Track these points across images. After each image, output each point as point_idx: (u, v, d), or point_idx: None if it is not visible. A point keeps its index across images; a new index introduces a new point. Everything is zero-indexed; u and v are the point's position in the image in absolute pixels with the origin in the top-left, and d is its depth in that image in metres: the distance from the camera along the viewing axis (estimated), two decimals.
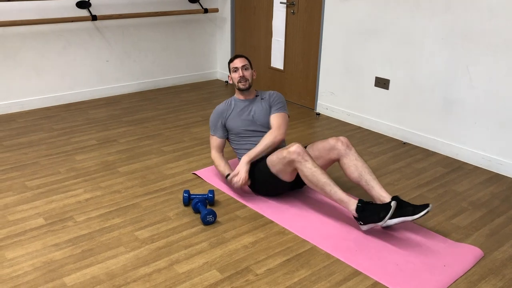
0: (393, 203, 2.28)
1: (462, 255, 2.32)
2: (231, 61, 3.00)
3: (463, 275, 2.20)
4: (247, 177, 2.71)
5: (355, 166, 2.60)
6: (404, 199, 2.68)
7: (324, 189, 2.47)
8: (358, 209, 2.38)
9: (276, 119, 2.89)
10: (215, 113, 3.01)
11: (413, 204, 2.39)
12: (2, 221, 2.54)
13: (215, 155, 2.96)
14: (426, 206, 2.33)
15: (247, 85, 2.95)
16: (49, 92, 4.44)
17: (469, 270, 2.24)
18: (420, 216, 2.30)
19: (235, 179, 2.72)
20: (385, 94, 3.88)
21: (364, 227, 2.43)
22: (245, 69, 2.94)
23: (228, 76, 3.04)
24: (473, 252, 2.35)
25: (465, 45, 3.28)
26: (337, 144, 2.66)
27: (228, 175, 2.79)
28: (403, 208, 2.36)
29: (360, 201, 2.40)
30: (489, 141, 3.30)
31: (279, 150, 2.65)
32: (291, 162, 2.55)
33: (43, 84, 4.39)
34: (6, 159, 3.30)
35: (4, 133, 3.78)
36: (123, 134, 3.82)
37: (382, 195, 2.48)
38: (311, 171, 2.49)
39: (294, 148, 2.52)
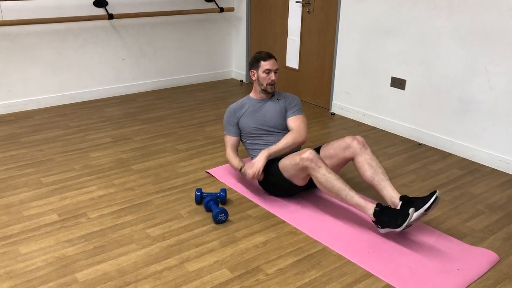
0: (411, 211, 2.23)
1: (477, 259, 2.28)
2: (263, 59, 2.86)
3: (478, 279, 2.16)
4: (261, 170, 2.67)
5: (369, 165, 2.57)
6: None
7: (339, 194, 2.45)
8: (375, 213, 2.35)
9: (295, 122, 2.88)
10: (228, 112, 2.99)
11: (421, 197, 2.35)
12: (17, 217, 2.58)
13: (229, 153, 2.94)
14: (434, 193, 2.29)
15: (273, 89, 2.93)
16: (66, 90, 4.50)
17: (484, 274, 2.19)
18: (431, 204, 2.25)
19: (250, 171, 2.68)
20: (401, 94, 3.83)
21: (382, 231, 2.40)
22: (275, 73, 2.88)
23: (252, 71, 2.91)
24: (488, 256, 2.31)
25: (484, 45, 3.22)
26: (353, 143, 2.64)
27: (242, 168, 2.79)
28: (413, 203, 2.33)
29: (378, 205, 2.37)
30: (508, 143, 3.23)
31: (292, 154, 2.62)
32: (304, 168, 2.53)
33: (60, 82, 4.44)
34: (23, 155, 3.35)
35: (21, 130, 3.83)
36: (138, 132, 3.84)
37: (393, 196, 2.45)
38: (325, 177, 2.47)
39: (307, 155, 2.49)
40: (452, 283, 2.11)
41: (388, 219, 2.32)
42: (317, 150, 2.84)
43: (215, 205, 2.62)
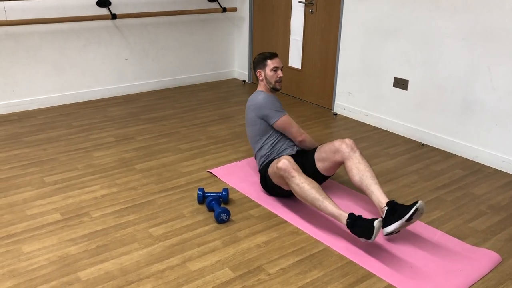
0: (375, 223, 2.17)
1: (479, 260, 2.28)
2: (269, 58, 2.88)
3: (480, 280, 2.16)
4: None
5: (357, 169, 2.55)
6: (414, 203, 2.61)
7: (314, 204, 2.43)
8: (348, 225, 2.29)
9: None
10: (269, 98, 2.85)
11: (405, 205, 2.32)
12: (20, 216, 2.59)
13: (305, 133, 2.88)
14: (415, 203, 2.26)
15: (281, 86, 2.94)
16: (69, 89, 4.51)
17: (486, 275, 2.19)
18: (411, 214, 2.23)
19: None
20: (403, 94, 3.83)
21: (362, 240, 2.30)
22: (282, 70, 2.91)
23: (259, 71, 2.91)
24: (490, 256, 2.31)
25: (487, 45, 3.21)
26: (342, 147, 2.62)
27: None
28: (397, 211, 2.31)
29: (349, 216, 2.29)
30: (511, 144, 3.23)
31: (274, 161, 2.64)
32: (282, 177, 2.54)
33: (63, 82, 4.45)
34: (26, 154, 3.37)
35: (25, 129, 3.85)
36: (141, 131, 3.85)
37: (381, 202, 2.42)
38: (298, 187, 2.45)
39: (280, 164, 2.50)
40: (454, 283, 2.11)
41: (359, 231, 2.24)
42: (314, 151, 2.83)
43: (217, 204, 2.63)
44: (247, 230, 2.50)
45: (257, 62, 2.93)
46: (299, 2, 4.55)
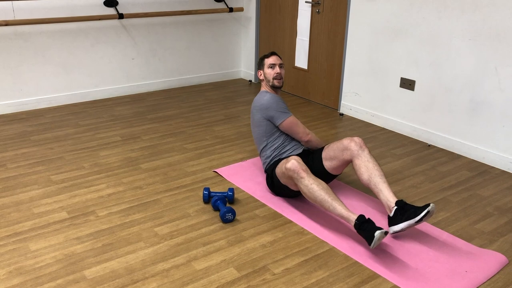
0: (376, 234, 2.15)
1: (486, 261, 2.26)
2: (266, 57, 2.95)
3: (486, 281, 2.14)
4: None
5: (365, 167, 2.54)
6: (418, 204, 2.62)
7: (322, 206, 2.42)
8: (355, 226, 2.28)
9: None
10: (274, 99, 2.84)
11: (415, 206, 2.33)
12: (27, 214, 2.61)
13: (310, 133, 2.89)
14: (427, 206, 2.26)
15: (281, 83, 2.93)
16: (76, 88, 4.54)
17: (493, 277, 2.18)
18: (422, 217, 2.24)
19: None
20: (410, 95, 3.81)
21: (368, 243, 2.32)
22: (281, 67, 2.92)
23: (259, 71, 2.98)
24: (497, 258, 2.29)
25: (494, 45, 3.19)
26: (350, 145, 2.62)
27: None
28: (406, 212, 2.31)
29: (358, 218, 2.27)
30: None
31: (282, 162, 2.64)
32: (290, 177, 2.54)
33: (71, 81, 4.48)
34: (33, 153, 3.39)
35: (32, 128, 3.87)
36: (147, 131, 3.87)
37: (389, 200, 2.41)
38: (307, 188, 2.45)
39: (289, 165, 2.49)
40: (460, 285, 2.10)
41: (364, 234, 2.24)
42: (321, 150, 2.83)
43: (223, 204, 2.63)
44: (252, 230, 2.50)
45: (258, 63, 3.00)
46: (306, 2, 4.55)
